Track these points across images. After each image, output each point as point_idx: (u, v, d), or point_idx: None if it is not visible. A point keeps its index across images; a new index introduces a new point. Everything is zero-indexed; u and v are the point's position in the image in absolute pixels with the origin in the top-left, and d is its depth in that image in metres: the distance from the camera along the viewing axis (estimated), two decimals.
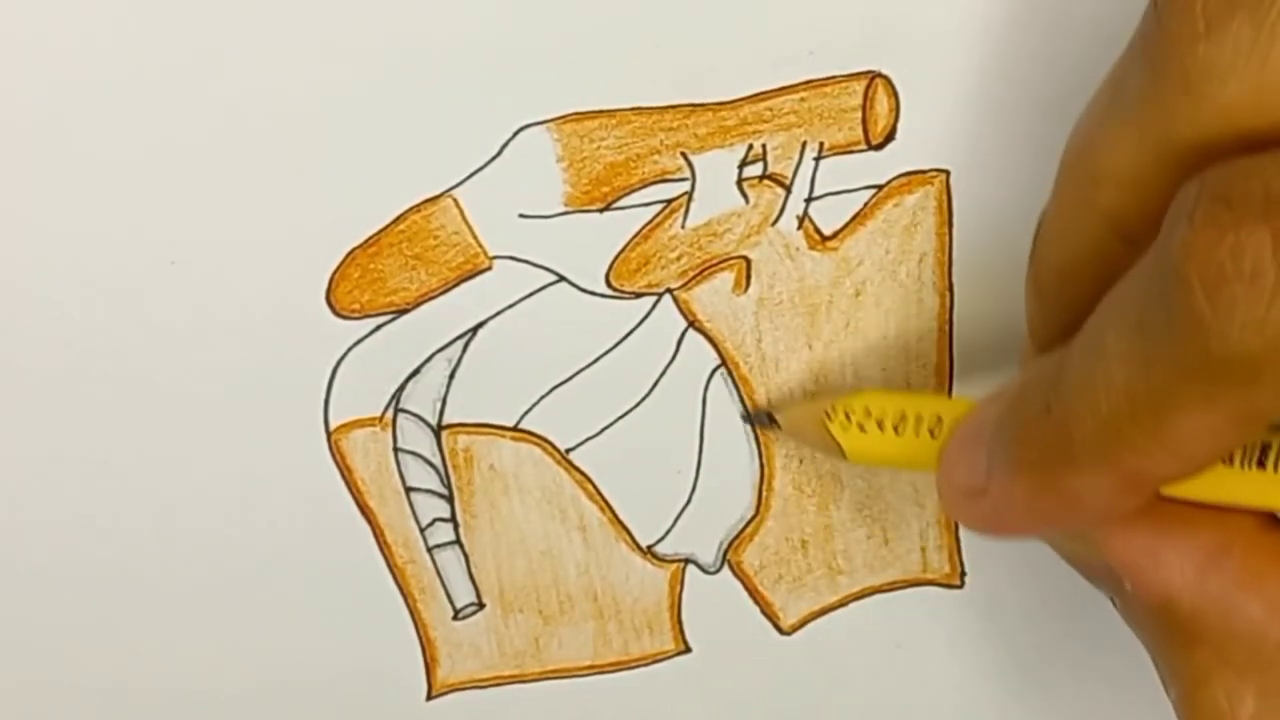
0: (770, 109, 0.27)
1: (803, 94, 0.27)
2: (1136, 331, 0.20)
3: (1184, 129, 0.20)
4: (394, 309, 0.27)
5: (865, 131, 0.27)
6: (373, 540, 0.29)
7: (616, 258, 0.27)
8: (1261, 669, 0.23)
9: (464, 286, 0.27)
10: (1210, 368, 0.19)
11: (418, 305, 0.27)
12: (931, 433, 0.26)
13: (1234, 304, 0.19)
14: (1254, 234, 0.19)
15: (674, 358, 0.29)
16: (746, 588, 0.31)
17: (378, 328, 0.27)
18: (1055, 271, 0.24)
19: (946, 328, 0.29)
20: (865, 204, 0.28)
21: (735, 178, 0.27)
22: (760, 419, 0.29)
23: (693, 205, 0.27)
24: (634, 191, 0.27)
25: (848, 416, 0.27)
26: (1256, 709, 0.23)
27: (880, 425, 0.27)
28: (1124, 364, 0.20)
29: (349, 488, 0.28)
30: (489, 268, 0.27)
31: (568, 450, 0.29)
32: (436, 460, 0.29)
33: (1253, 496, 0.23)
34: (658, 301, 0.28)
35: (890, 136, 0.27)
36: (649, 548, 0.30)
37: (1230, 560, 0.23)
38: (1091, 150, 0.22)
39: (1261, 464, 0.23)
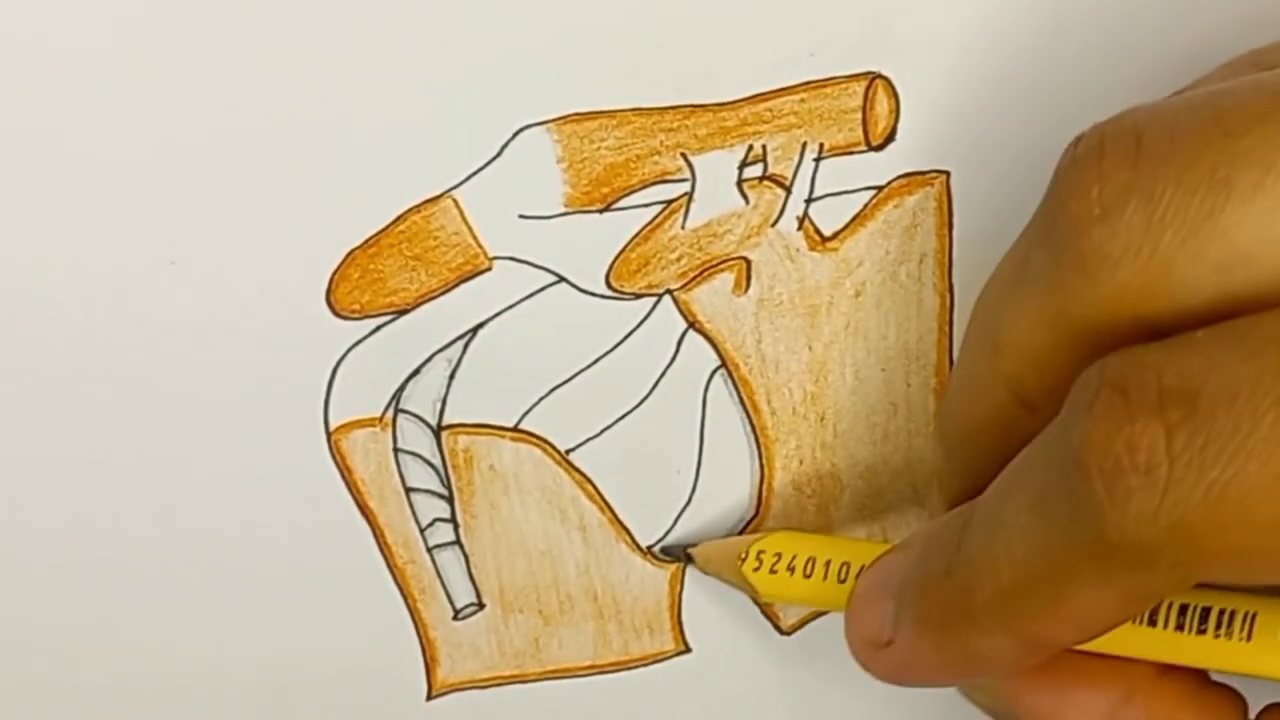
0: (770, 110, 0.27)
1: (803, 95, 0.27)
2: (1036, 509, 0.21)
3: (1081, 310, 0.21)
4: (394, 309, 0.27)
5: (865, 132, 0.27)
6: (373, 540, 0.29)
7: (616, 258, 0.27)
8: None
9: (464, 287, 0.27)
10: (1106, 553, 0.20)
11: (418, 306, 0.27)
12: (840, 578, 0.27)
13: (1129, 495, 0.19)
14: (1148, 429, 0.19)
15: (674, 359, 0.29)
16: None
17: (378, 328, 0.27)
18: (960, 430, 0.25)
19: (947, 328, 0.29)
20: (865, 205, 0.28)
21: (735, 178, 0.27)
22: (675, 554, 0.30)
23: (693, 206, 0.27)
24: (634, 192, 0.27)
25: (759, 559, 0.28)
26: None
27: (791, 569, 0.28)
28: (1023, 539, 0.21)
29: (349, 488, 0.28)
30: (489, 268, 0.27)
31: (568, 451, 0.29)
32: (436, 460, 0.29)
33: (1146, 651, 0.24)
34: (658, 302, 0.28)
35: (890, 137, 0.27)
36: (649, 548, 0.30)
37: (1133, 709, 0.24)
38: (996, 320, 0.23)
39: (1153, 622, 0.24)
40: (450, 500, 0.29)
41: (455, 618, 0.30)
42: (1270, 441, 0.19)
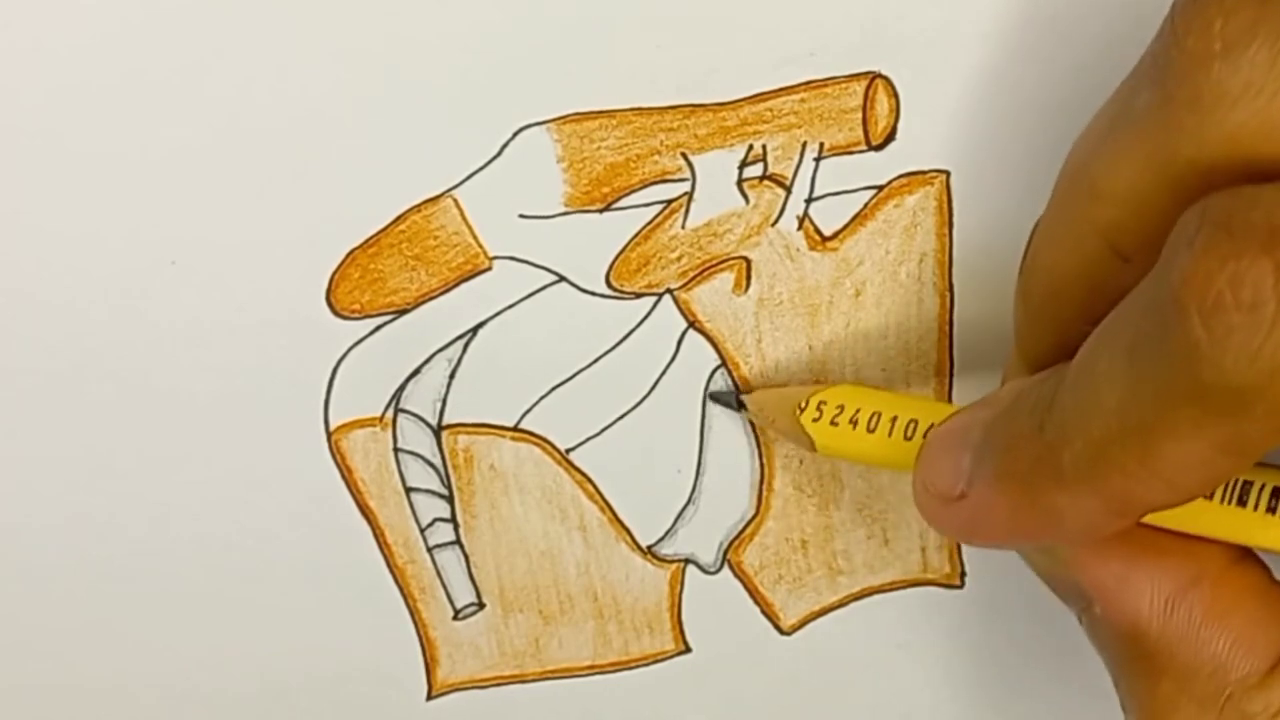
0: (770, 109, 0.27)
1: (803, 95, 0.27)
2: (1129, 355, 0.20)
3: (1189, 150, 0.20)
4: (394, 309, 0.27)
5: (865, 132, 0.27)
6: (373, 540, 0.29)
7: (617, 258, 0.27)
8: (1222, 704, 0.23)
9: (464, 287, 0.27)
10: (1201, 395, 0.19)
11: (418, 305, 0.27)
12: (906, 435, 0.26)
13: (1230, 333, 0.19)
14: (1255, 264, 0.19)
15: (674, 358, 0.29)
16: (746, 588, 0.31)
17: (378, 328, 0.27)
18: (1046, 285, 0.24)
19: (947, 328, 0.29)
20: (865, 204, 0.28)
21: (735, 178, 0.27)
22: (726, 400, 0.29)
23: (693, 206, 0.27)
24: (634, 192, 0.27)
25: (820, 409, 0.27)
26: None
27: (854, 422, 0.27)
28: (1114, 387, 0.20)
29: (349, 488, 0.28)
30: (489, 268, 0.27)
31: (568, 450, 0.29)
32: (436, 460, 0.29)
33: (1229, 532, 0.23)
34: (658, 302, 0.28)
35: (890, 137, 0.27)
36: (649, 548, 0.30)
37: (1200, 593, 0.23)
38: (1093, 164, 0.22)
39: (1242, 502, 0.23)
40: (450, 500, 0.29)
41: (455, 617, 0.30)
42: None
